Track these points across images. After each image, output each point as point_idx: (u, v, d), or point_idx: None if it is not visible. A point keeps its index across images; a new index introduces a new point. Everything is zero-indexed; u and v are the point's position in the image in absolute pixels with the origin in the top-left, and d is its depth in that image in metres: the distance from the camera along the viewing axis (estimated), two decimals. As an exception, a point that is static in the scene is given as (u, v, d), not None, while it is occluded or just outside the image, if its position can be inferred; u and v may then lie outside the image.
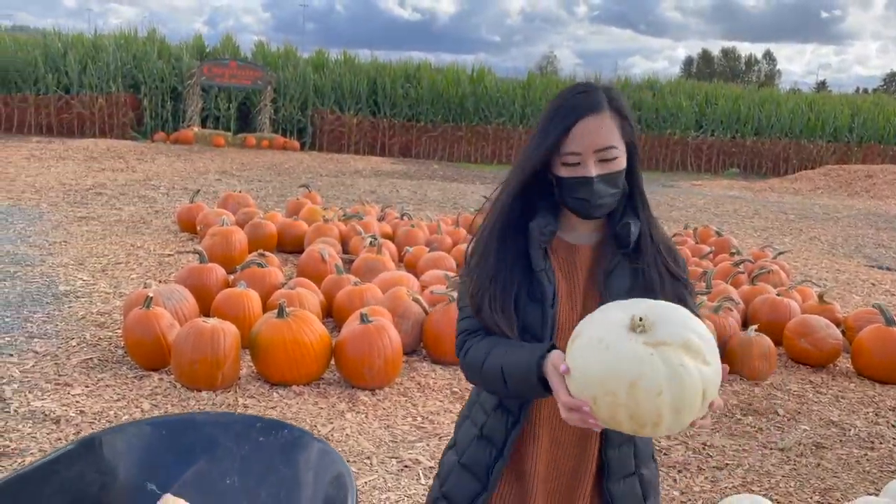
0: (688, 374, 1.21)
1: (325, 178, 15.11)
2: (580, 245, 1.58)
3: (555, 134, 1.46)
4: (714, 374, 1.25)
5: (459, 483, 1.59)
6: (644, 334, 1.24)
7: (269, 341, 4.01)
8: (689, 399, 1.21)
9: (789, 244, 10.67)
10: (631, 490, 1.60)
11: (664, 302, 1.35)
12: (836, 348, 5.18)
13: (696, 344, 1.23)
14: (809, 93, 32.25)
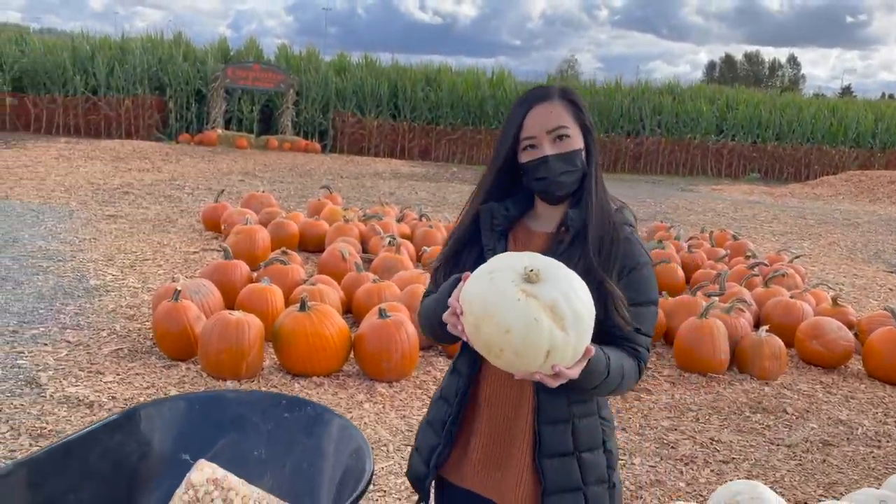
0: (538, 328, 1.36)
1: (345, 179, 15.32)
2: (538, 231, 1.73)
3: (514, 125, 1.65)
4: (564, 342, 1.37)
5: (425, 438, 1.78)
6: (527, 283, 1.40)
7: (291, 333, 4.17)
8: (531, 349, 1.37)
9: (808, 249, 10.67)
10: (565, 470, 1.63)
11: (574, 274, 1.47)
12: (848, 350, 5.24)
13: (562, 310, 1.37)
14: (832, 98, 31.99)
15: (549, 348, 1.37)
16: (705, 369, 4.86)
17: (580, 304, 1.41)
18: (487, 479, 1.70)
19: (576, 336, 1.40)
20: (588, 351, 1.45)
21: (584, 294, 1.44)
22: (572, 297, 1.40)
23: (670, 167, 24.93)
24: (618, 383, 1.59)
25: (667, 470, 3.55)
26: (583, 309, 1.41)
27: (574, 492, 1.64)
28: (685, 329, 4.97)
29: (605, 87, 26.14)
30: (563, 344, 1.38)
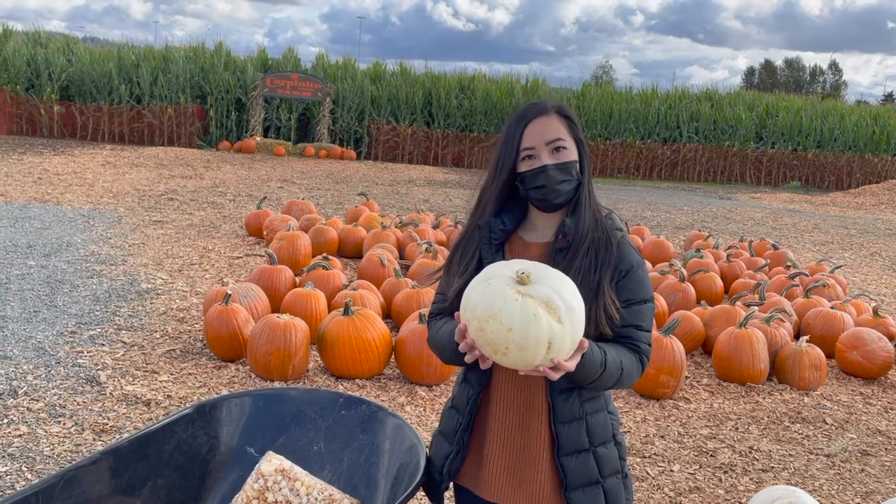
0: (537, 322, 1.49)
1: (380, 186, 15.51)
2: (534, 242, 1.83)
3: (514, 137, 1.76)
4: (562, 333, 1.51)
5: (438, 447, 1.87)
6: (521, 285, 1.54)
7: (336, 337, 4.30)
8: (533, 343, 1.49)
9: (849, 259, 10.54)
10: (584, 465, 1.73)
11: (560, 273, 1.62)
12: (888, 361, 5.21)
13: (557, 305, 1.51)
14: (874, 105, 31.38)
15: (550, 339, 1.51)
16: (744, 379, 4.88)
17: (571, 298, 1.55)
18: (506, 487, 1.77)
19: (571, 326, 1.53)
20: (582, 344, 1.57)
21: (573, 288, 1.59)
22: (563, 292, 1.55)
23: (708, 175, 24.70)
24: (617, 377, 1.69)
25: (706, 477, 3.59)
26: (574, 301, 1.55)
27: (594, 485, 1.74)
28: (724, 338, 4.99)
29: (642, 94, 26.00)
30: (561, 334, 1.52)
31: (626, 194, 17.57)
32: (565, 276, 1.62)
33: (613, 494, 1.77)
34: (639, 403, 4.44)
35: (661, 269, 6.90)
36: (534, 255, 1.79)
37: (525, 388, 1.75)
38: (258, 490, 1.77)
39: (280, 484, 1.78)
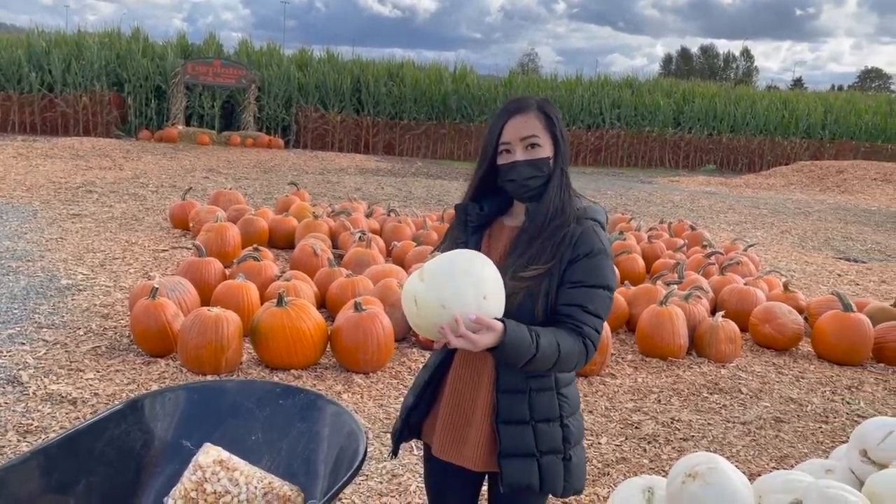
0: (409, 282, 1.75)
1: (311, 175, 15.34)
2: (509, 226, 1.95)
3: (496, 131, 1.86)
4: (424, 291, 1.70)
5: (406, 400, 2.01)
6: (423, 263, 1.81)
7: (269, 328, 4.28)
8: (406, 301, 1.74)
9: (761, 238, 11.08)
10: (521, 436, 1.81)
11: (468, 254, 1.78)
12: (798, 333, 5.54)
13: (426, 268, 1.73)
14: (784, 90, 32.90)
15: (414, 296, 1.70)
16: (666, 354, 5.11)
17: (446, 264, 1.72)
18: (450, 446, 1.91)
19: (431, 281, 1.69)
20: (493, 325, 1.65)
21: (458, 258, 1.74)
22: (440, 261, 1.73)
23: (630, 160, 25.43)
24: (554, 360, 1.73)
25: (631, 448, 3.76)
26: (445, 266, 1.71)
27: (529, 458, 1.81)
28: (646, 316, 5.21)
29: (566, 81, 26.51)
30: (424, 291, 1.69)
31: (553, 179, 17.88)
32: (474, 257, 1.75)
33: (549, 472, 1.83)
34: (568, 382, 4.60)
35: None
36: (505, 237, 1.93)
37: (478, 358, 1.87)
38: (196, 482, 1.78)
39: (219, 475, 1.80)
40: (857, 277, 8.65)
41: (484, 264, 1.74)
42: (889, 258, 10.19)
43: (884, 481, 2.52)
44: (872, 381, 5.02)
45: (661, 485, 2.78)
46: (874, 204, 16.79)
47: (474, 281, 1.68)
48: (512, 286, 1.77)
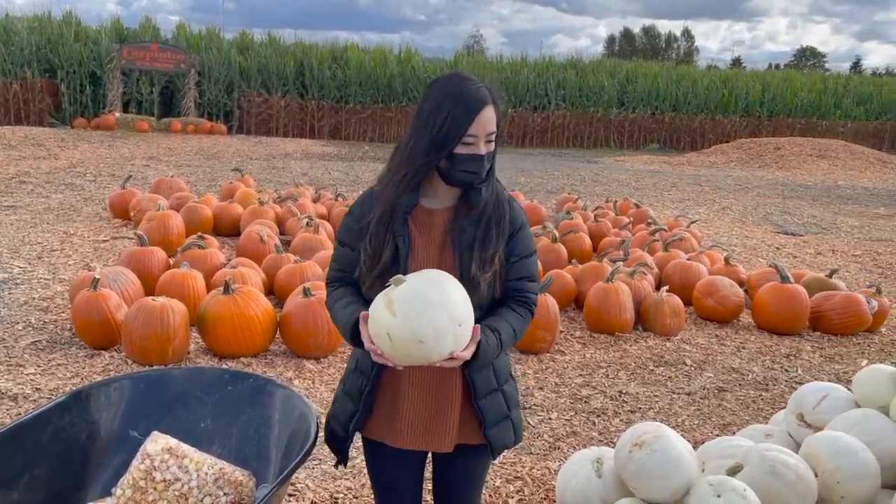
0: (378, 314, 1.71)
1: (255, 161, 15.07)
2: (437, 209, 1.91)
3: (462, 123, 1.79)
4: (396, 324, 1.68)
5: (342, 407, 1.96)
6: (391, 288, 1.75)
7: (216, 316, 4.22)
8: (377, 334, 1.71)
9: (703, 214, 11.37)
10: (496, 404, 1.95)
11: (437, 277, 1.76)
12: (739, 305, 5.72)
13: (392, 301, 1.70)
14: (724, 69, 33.65)
15: (388, 331, 1.69)
16: (613, 329, 5.22)
17: (417, 296, 1.69)
18: (421, 434, 1.92)
19: (402, 315, 1.68)
20: (475, 333, 1.75)
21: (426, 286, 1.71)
22: (407, 289, 1.71)
23: (576, 140, 25.71)
24: (513, 342, 1.89)
25: (581, 422, 3.85)
26: (413, 298, 1.69)
27: (505, 420, 1.96)
28: (593, 293, 5.31)
29: (512, 63, 26.59)
30: (395, 327, 1.68)
31: (501, 162, 17.79)
32: (440, 278, 1.74)
33: (518, 423, 2.02)
34: (518, 359, 4.67)
35: (535, 232, 7.20)
36: (439, 221, 1.90)
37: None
38: (144, 471, 1.76)
39: (168, 462, 1.78)
40: (794, 250, 8.97)
41: (454, 288, 1.75)
42: (824, 231, 10.58)
43: (819, 442, 2.64)
44: (809, 349, 5.22)
45: (609, 455, 2.86)
46: (810, 179, 17.38)
47: (449, 313, 1.70)
48: (481, 277, 1.85)
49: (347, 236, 1.94)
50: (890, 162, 20.31)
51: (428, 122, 1.81)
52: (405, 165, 1.85)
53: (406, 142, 1.86)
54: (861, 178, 17.99)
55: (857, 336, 5.51)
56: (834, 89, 29.31)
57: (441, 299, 1.70)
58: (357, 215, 1.93)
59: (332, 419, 1.98)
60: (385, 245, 1.84)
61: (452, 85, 1.84)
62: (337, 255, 1.98)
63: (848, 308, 5.46)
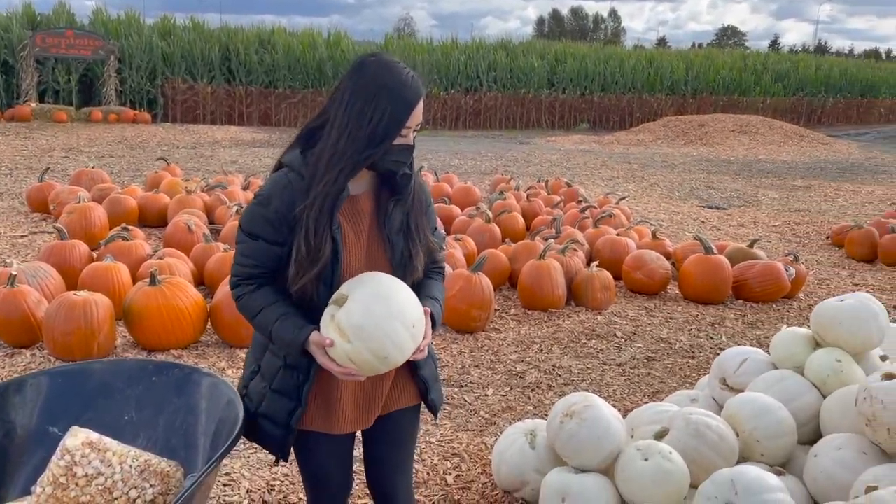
0: (334, 349, 1.73)
1: (182, 149, 14.65)
2: (359, 194, 1.87)
3: (402, 116, 1.76)
4: (355, 349, 1.70)
5: (275, 405, 1.88)
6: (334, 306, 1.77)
7: (143, 308, 4.10)
8: (338, 358, 1.73)
9: (632, 191, 11.64)
10: (432, 371, 2.04)
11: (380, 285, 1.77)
12: (666, 277, 5.90)
13: (343, 329, 1.70)
14: (649, 49, 34.41)
15: (349, 356, 1.71)
16: (546, 305, 5.31)
17: (366, 316, 1.69)
18: (360, 414, 1.94)
19: (362, 343, 1.69)
20: (426, 344, 1.83)
21: (372, 301, 1.72)
22: (353, 311, 1.70)
23: (508, 122, 25.90)
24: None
25: (516, 397, 3.91)
26: (363, 321, 1.69)
27: (437, 381, 2.06)
28: (526, 271, 5.38)
29: (442, 45, 26.54)
30: (356, 352, 1.70)
31: (434, 145, 17.99)
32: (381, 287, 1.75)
33: (440, 383, 2.12)
34: (454, 338, 4.71)
35: (469, 213, 7.24)
36: (363, 207, 1.87)
37: None
38: (65, 466, 1.70)
39: (89, 457, 1.73)
40: (718, 223, 9.29)
41: (396, 290, 1.75)
42: (746, 204, 10.98)
43: (739, 403, 2.76)
44: (732, 316, 5.43)
45: (542, 427, 2.92)
46: (732, 154, 17.98)
47: (402, 321, 1.71)
48: (417, 259, 1.89)
49: (262, 228, 1.79)
50: (807, 136, 21.20)
51: (363, 114, 1.73)
52: (340, 160, 1.74)
53: (338, 132, 1.74)
54: (780, 152, 18.71)
55: (776, 303, 5.76)
56: (753, 67, 30.38)
57: (390, 311, 1.70)
58: (274, 206, 1.78)
59: (262, 418, 1.90)
60: (324, 241, 1.75)
61: (387, 75, 1.76)
62: (249, 250, 1.82)
63: (767, 276, 5.69)
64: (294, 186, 1.78)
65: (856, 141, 22.12)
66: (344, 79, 1.80)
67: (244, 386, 1.97)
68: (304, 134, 1.86)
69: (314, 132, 1.83)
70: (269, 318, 1.80)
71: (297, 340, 1.77)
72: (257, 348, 1.95)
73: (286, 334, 1.78)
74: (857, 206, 10.93)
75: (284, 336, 1.78)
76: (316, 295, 1.79)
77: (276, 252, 1.80)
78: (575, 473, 2.60)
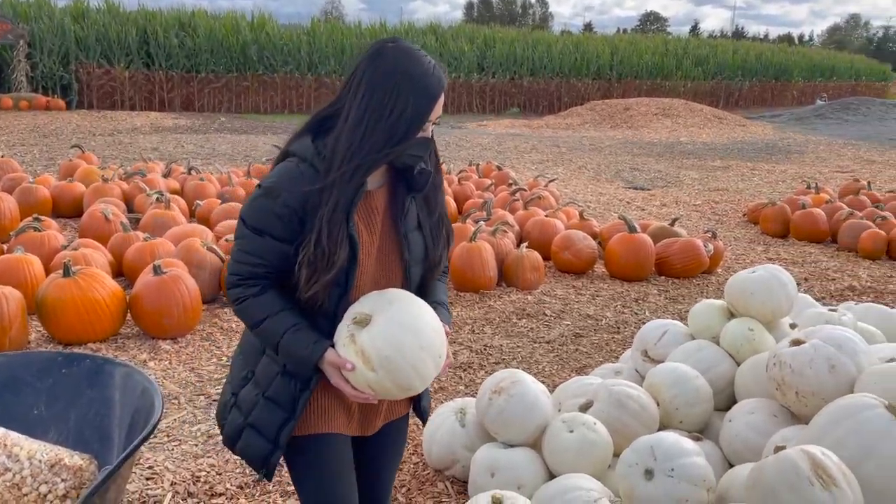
0: (354, 374, 1.62)
1: (99, 137, 14.07)
2: (373, 190, 1.72)
3: (424, 110, 1.62)
4: (377, 380, 1.61)
5: (266, 414, 1.71)
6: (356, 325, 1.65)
7: (57, 301, 3.93)
8: (357, 384, 1.63)
9: (561, 173, 11.83)
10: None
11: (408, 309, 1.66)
12: (593, 256, 6.03)
13: (368, 357, 1.59)
14: (576, 34, 34.92)
15: (368, 384, 1.61)
16: (478, 287, 5.35)
17: (387, 347, 1.59)
18: (365, 424, 1.84)
19: (386, 374, 1.60)
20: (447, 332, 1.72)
21: (401, 331, 1.61)
22: (380, 339, 1.59)
23: (439, 106, 25.86)
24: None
25: (448, 377, 3.93)
26: (390, 352, 1.59)
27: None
28: (458, 254, 5.40)
29: (371, 29, 26.26)
30: (378, 382, 1.61)
31: (364, 129, 17.79)
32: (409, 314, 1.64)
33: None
34: (385, 323, 4.69)
35: (398, 197, 7.20)
36: (377, 204, 1.73)
37: None
38: (-34, 464, 1.62)
39: (-7, 453, 1.65)
40: (643, 203, 9.54)
41: (424, 317, 1.65)
42: (669, 184, 11.31)
43: (659, 373, 2.85)
44: (655, 292, 5.60)
45: (471, 405, 2.95)
46: (656, 137, 18.48)
47: (430, 353, 1.63)
48: (439, 255, 1.81)
49: (270, 223, 1.62)
50: (725, 118, 21.97)
51: (383, 107, 1.58)
52: (356, 156, 1.59)
53: (353, 125, 1.59)
54: (700, 133, 19.34)
55: (697, 278, 5.96)
56: (675, 52, 31.25)
57: (420, 343, 1.61)
58: (283, 199, 1.60)
59: (249, 429, 1.73)
60: (340, 244, 1.60)
61: (409, 64, 1.61)
62: (253, 247, 1.64)
63: (688, 252, 5.89)
64: (306, 179, 1.61)
65: (770, 122, 23.07)
66: (360, 66, 1.63)
67: (233, 394, 1.78)
68: (314, 122, 1.69)
69: (325, 121, 1.68)
70: (276, 329, 1.65)
71: (310, 358, 1.63)
72: (250, 353, 1.78)
73: (298, 350, 1.63)
74: (771, 185, 11.41)
75: (296, 351, 1.64)
76: (327, 300, 1.66)
77: (284, 250, 1.63)
78: (504, 448, 2.64)
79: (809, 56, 36.50)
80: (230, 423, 1.77)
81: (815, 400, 2.34)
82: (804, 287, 5.75)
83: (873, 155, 15.70)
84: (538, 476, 2.52)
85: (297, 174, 1.62)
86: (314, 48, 23.91)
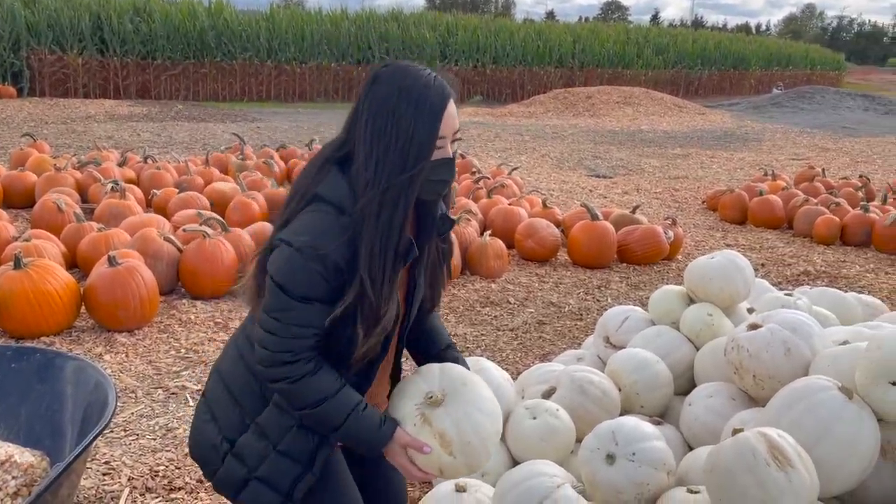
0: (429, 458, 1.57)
1: (51, 125, 13.69)
2: None
3: (435, 124, 1.50)
4: (453, 465, 1.58)
5: (277, 468, 1.60)
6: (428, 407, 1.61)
7: (8, 294, 3.81)
8: (427, 466, 1.58)
9: (524, 162, 11.86)
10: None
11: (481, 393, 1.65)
12: (556, 244, 6.06)
13: (448, 441, 1.56)
14: (538, 22, 34.99)
15: (441, 468, 1.57)
16: (440, 276, 5.33)
17: (470, 432, 1.56)
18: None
19: (464, 459, 1.58)
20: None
21: (481, 417, 1.60)
22: (464, 423, 1.57)
23: (401, 94, 25.69)
24: None
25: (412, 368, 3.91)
26: (472, 437, 1.57)
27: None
28: (420, 242, 5.38)
29: (332, 16, 25.93)
30: (452, 466, 1.57)
31: (327, 118, 17.64)
32: (484, 398, 1.62)
33: None
34: (348, 313, 4.65)
35: (361, 186, 7.14)
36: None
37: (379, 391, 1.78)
38: None
39: (-64, 453, 1.59)
40: (605, 191, 9.62)
41: (494, 398, 1.66)
42: (631, 172, 11.43)
43: (620, 359, 2.87)
44: (617, 279, 5.66)
45: (434, 393, 2.94)
46: (617, 125, 18.63)
47: (498, 430, 1.64)
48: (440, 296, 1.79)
49: (318, 288, 1.48)
50: (685, 107, 22.25)
51: (389, 130, 1.48)
52: (378, 185, 1.48)
53: (366, 156, 1.49)
54: (661, 122, 19.56)
55: (657, 264, 6.04)
56: (636, 40, 31.50)
57: (496, 427, 1.62)
58: (333, 259, 1.46)
59: (257, 482, 1.60)
60: (392, 300, 1.51)
61: (404, 80, 1.52)
62: (306, 318, 1.49)
63: (648, 239, 5.95)
64: (350, 232, 1.48)
65: (729, 111, 23.43)
66: (360, 98, 1.56)
67: (225, 439, 1.62)
68: (329, 159, 1.59)
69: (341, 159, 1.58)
70: (338, 411, 1.53)
71: (380, 441, 1.55)
72: (244, 395, 1.63)
73: (364, 433, 1.54)
74: (729, 172, 11.61)
75: (361, 434, 1.54)
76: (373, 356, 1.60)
77: (329, 312, 1.50)
78: (467, 437, 2.63)
79: (766, 45, 37.12)
80: (227, 471, 1.63)
81: (771, 383, 2.38)
82: (761, 272, 5.86)
83: (827, 143, 16.07)
84: (501, 463, 2.53)
85: (340, 228, 1.49)
86: (274, 34, 23.53)
